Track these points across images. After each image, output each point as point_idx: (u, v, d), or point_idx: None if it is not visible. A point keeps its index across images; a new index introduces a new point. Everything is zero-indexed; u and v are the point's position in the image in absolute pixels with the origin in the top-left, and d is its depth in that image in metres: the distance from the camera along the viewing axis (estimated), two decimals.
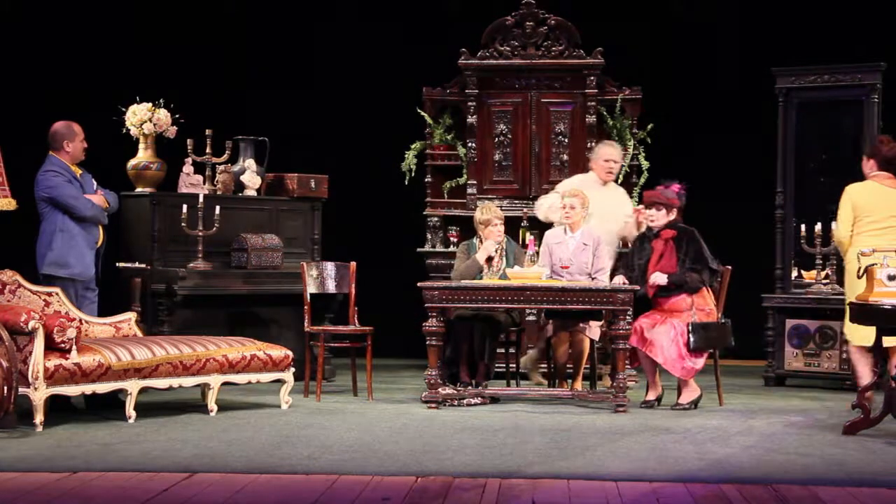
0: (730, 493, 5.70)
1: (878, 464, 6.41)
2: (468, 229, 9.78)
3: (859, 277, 8.12)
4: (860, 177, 9.06)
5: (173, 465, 6.21)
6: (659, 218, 8.68)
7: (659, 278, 8.50)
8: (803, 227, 9.86)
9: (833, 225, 8.55)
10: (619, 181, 10.43)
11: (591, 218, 9.21)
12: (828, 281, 9.82)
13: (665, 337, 8.34)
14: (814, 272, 9.94)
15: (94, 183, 8.49)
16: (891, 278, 7.35)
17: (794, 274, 10.15)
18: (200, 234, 9.33)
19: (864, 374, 7.90)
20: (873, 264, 7.52)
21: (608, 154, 9.63)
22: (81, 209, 8.26)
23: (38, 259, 8.29)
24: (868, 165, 8.30)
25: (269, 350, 8.32)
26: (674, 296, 8.53)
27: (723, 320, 8.58)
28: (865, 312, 7.45)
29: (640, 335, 8.39)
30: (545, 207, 9.55)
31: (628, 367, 8.51)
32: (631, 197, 10.05)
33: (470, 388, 8.60)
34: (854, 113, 9.89)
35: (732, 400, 8.90)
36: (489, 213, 8.96)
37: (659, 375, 8.59)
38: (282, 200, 10.09)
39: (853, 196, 8.19)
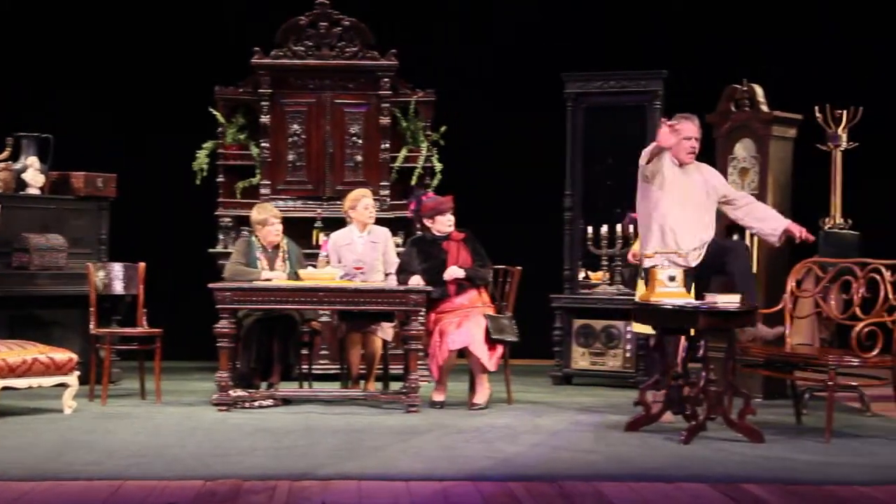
0: (517, 490, 5.80)
1: (658, 459, 6.62)
2: None
3: (642, 279, 8.40)
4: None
5: None
6: (452, 222, 8.82)
7: (456, 272, 8.62)
8: (590, 228, 10.10)
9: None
10: (413, 181, 10.53)
11: (674, 207, 7.82)
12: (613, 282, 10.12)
13: (479, 332, 8.45)
14: (600, 273, 10.20)
15: None
16: (671, 279, 7.61)
17: (582, 275, 10.38)
18: None
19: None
20: (655, 265, 7.77)
21: (689, 130, 7.93)
22: None
23: None
24: None
25: (52, 353, 8.09)
26: (466, 292, 8.65)
27: (509, 315, 8.76)
28: (647, 312, 7.69)
29: (445, 335, 8.47)
30: None
31: (420, 366, 8.61)
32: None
33: (262, 389, 8.55)
34: (638, 118, 10.19)
35: (521, 399, 9.05)
36: (265, 213, 8.91)
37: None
38: (67, 200, 9.82)
39: None
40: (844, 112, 9.35)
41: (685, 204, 7.87)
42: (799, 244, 8.10)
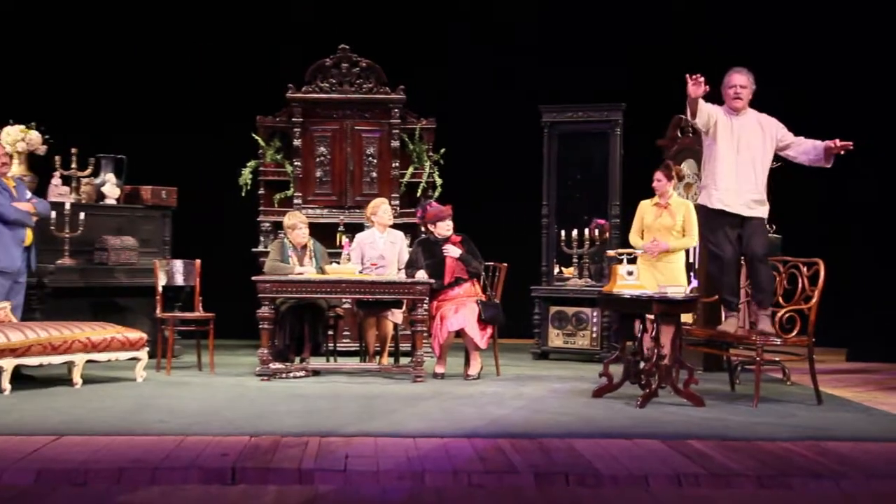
0: (504, 445, 5.82)
1: (620, 419, 6.65)
2: None
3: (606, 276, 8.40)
4: (607, 194, 9.37)
5: (43, 430, 6.02)
6: (451, 226, 8.84)
7: (453, 251, 8.65)
8: (563, 232, 10.15)
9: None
10: (418, 194, 10.57)
11: (728, 154, 7.26)
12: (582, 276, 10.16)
13: (472, 316, 8.49)
14: (572, 269, 10.25)
15: (29, 193, 8.33)
16: (629, 273, 7.66)
17: (556, 270, 10.43)
18: (67, 235, 9.05)
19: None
20: (616, 262, 7.82)
21: (732, 80, 7.36)
22: (5, 213, 8.00)
23: None
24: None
25: (127, 333, 8.12)
26: (462, 284, 8.70)
27: (497, 302, 8.80)
28: (610, 301, 7.75)
29: (445, 319, 8.49)
30: None
31: (425, 344, 8.65)
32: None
33: (296, 363, 8.60)
34: (602, 143, 10.23)
35: (507, 371, 9.07)
36: (294, 219, 8.95)
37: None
38: (137, 208, 9.86)
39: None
40: None
41: (739, 149, 7.31)
42: (844, 155, 7.33)
